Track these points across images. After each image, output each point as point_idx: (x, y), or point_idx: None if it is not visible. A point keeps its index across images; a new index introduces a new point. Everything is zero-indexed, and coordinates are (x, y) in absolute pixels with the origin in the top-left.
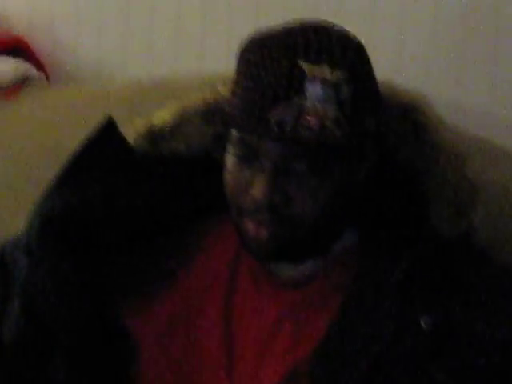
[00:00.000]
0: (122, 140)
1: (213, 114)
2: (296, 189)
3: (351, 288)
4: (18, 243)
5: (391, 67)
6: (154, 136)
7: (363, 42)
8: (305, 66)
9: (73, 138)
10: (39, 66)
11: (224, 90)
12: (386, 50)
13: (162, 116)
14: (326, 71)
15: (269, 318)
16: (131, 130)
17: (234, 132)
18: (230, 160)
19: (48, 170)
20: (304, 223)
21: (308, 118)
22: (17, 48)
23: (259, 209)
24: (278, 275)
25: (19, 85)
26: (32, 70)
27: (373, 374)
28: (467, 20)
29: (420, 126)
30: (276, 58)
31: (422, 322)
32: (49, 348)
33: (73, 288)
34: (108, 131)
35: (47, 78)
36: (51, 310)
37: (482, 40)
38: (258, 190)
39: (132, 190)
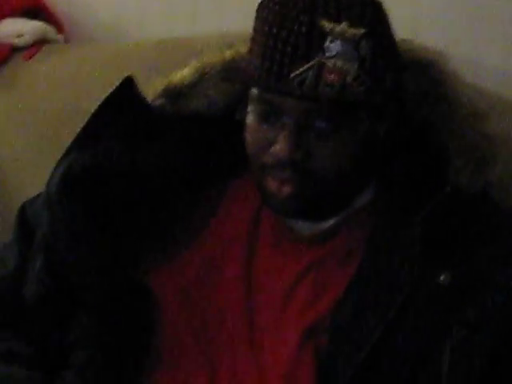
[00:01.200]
0: (141, 99)
1: (232, 73)
2: (317, 145)
3: (371, 243)
4: (38, 200)
5: (409, 26)
6: (173, 94)
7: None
8: (324, 24)
9: (92, 96)
10: (57, 26)
11: (243, 49)
12: (403, 8)
13: (182, 74)
14: (345, 28)
15: (289, 274)
16: (150, 89)
17: (254, 90)
18: (250, 118)
19: (68, 129)
20: (325, 180)
21: (329, 75)
22: (34, 9)
23: (281, 165)
24: (298, 232)
25: (38, 45)
26: (50, 31)
27: (393, 326)
28: None
29: (438, 83)
30: (295, 16)
31: (441, 278)
32: (71, 304)
33: (91, 246)
34: (127, 90)
35: (65, 38)
36: (72, 267)
37: None
38: (280, 146)
39: (151, 148)
